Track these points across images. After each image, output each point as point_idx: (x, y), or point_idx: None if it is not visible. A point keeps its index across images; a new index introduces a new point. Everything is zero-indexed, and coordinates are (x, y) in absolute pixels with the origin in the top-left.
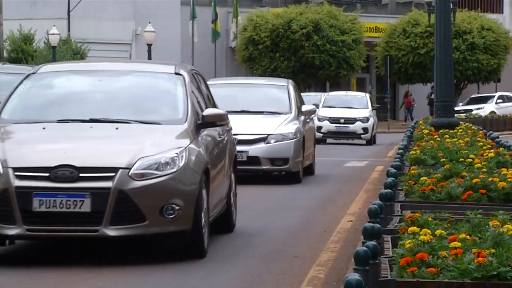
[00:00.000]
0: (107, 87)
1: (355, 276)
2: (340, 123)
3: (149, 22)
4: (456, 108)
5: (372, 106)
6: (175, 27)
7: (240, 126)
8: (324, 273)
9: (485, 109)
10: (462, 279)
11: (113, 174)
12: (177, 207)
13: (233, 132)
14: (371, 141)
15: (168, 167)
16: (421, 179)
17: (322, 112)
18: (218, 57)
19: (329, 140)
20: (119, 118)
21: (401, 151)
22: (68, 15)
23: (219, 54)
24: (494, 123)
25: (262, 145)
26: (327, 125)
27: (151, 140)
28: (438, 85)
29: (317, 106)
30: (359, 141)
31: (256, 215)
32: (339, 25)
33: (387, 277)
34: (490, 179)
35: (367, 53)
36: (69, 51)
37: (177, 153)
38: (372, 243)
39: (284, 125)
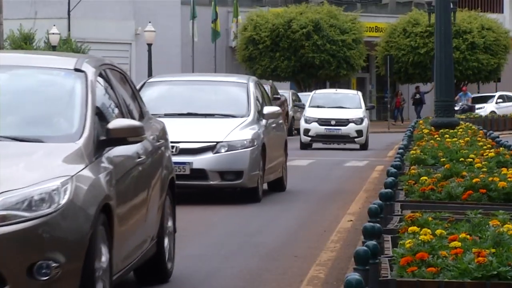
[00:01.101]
0: None
1: (355, 275)
2: (331, 125)
3: (149, 22)
4: (456, 108)
5: (365, 106)
6: (175, 27)
7: (184, 132)
8: (324, 273)
9: (485, 109)
10: (462, 279)
11: None
12: (54, 265)
13: (175, 139)
14: (365, 145)
15: (44, 205)
16: (421, 178)
17: (310, 112)
18: (218, 56)
19: (315, 145)
20: None
21: (401, 150)
22: (68, 14)
23: (219, 54)
24: (494, 122)
25: (209, 155)
26: (315, 128)
27: (23, 165)
28: (438, 85)
29: (303, 106)
30: (352, 145)
31: (256, 215)
32: (339, 25)
33: (387, 276)
34: (490, 178)
35: (367, 53)
36: (69, 50)
37: (58, 185)
38: (372, 242)
39: (239, 131)
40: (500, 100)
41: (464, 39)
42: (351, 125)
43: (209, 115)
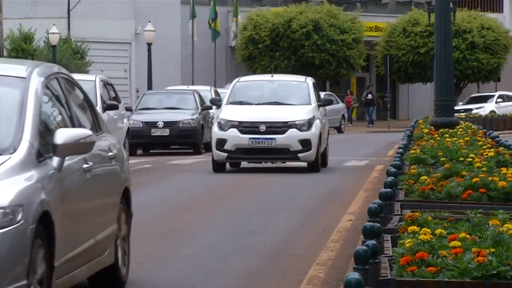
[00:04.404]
0: None
1: (355, 275)
2: (260, 133)
3: (149, 21)
4: (456, 108)
5: (318, 100)
6: (175, 26)
7: None
8: (324, 272)
9: (485, 109)
10: (462, 278)
11: None
12: None
13: None
14: (317, 164)
15: None
16: (421, 178)
17: (227, 113)
18: (218, 56)
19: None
20: None
21: (401, 150)
22: (68, 14)
23: (219, 53)
24: (494, 122)
25: None
26: (235, 137)
27: None
28: (438, 84)
29: (218, 103)
30: (294, 163)
31: (256, 214)
32: (339, 24)
33: (387, 276)
34: (490, 178)
35: (367, 53)
36: (69, 50)
37: None
38: (372, 242)
39: None
40: (500, 99)
41: (464, 39)
42: (292, 131)
43: None
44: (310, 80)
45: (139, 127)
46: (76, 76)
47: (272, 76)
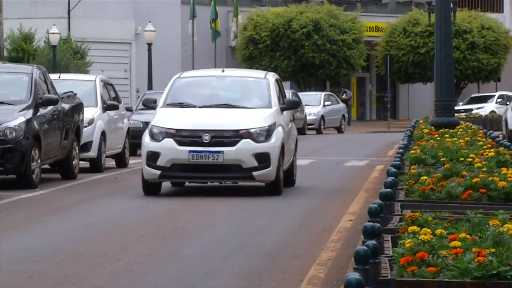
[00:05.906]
0: None
1: (355, 275)
2: (203, 145)
3: (149, 21)
4: (456, 108)
5: (282, 102)
6: (175, 26)
7: None
8: (324, 272)
9: (485, 109)
10: (462, 279)
11: None
12: None
13: None
14: (277, 185)
15: None
16: (421, 178)
17: (161, 118)
18: (218, 56)
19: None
20: None
21: (401, 150)
22: (68, 14)
23: (219, 54)
24: (494, 122)
25: None
26: (171, 150)
27: None
28: (438, 84)
29: (152, 105)
30: (249, 182)
31: (256, 214)
32: (339, 25)
33: (387, 276)
34: (490, 178)
35: (367, 53)
36: (69, 50)
37: None
38: (372, 242)
39: None
40: (500, 99)
41: (464, 39)
42: (246, 143)
43: None
44: (271, 77)
45: (139, 127)
46: (76, 76)
47: (223, 71)
